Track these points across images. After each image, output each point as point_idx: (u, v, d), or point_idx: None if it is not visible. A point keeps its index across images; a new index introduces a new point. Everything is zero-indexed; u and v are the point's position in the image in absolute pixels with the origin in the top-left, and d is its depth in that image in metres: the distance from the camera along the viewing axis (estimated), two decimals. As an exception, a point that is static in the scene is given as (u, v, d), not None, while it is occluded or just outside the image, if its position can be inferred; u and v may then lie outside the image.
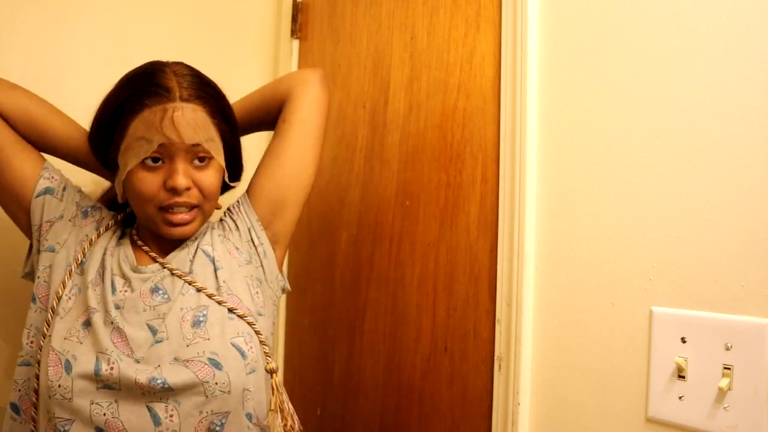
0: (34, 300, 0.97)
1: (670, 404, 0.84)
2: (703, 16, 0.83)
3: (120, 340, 0.91)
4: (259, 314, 1.00)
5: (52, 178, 1.03)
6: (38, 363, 0.92)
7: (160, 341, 0.91)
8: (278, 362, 1.53)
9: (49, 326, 0.93)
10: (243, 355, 0.93)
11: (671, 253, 0.85)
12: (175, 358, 0.90)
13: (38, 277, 0.99)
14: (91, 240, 1.00)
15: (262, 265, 1.05)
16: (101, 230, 1.02)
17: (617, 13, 0.92)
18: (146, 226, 1.01)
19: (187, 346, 0.91)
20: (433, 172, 1.18)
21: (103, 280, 0.97)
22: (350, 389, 1.33)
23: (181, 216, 0.95)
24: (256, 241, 1.06)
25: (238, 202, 1.09)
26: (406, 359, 1.21)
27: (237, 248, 1.04)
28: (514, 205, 1.02)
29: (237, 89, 1.58)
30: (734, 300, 0.79)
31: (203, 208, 0.98)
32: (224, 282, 0.99)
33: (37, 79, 1.29)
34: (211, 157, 0.96)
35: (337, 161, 1.41)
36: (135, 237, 1.03)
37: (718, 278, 0.81)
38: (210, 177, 0.96)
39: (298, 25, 1.56)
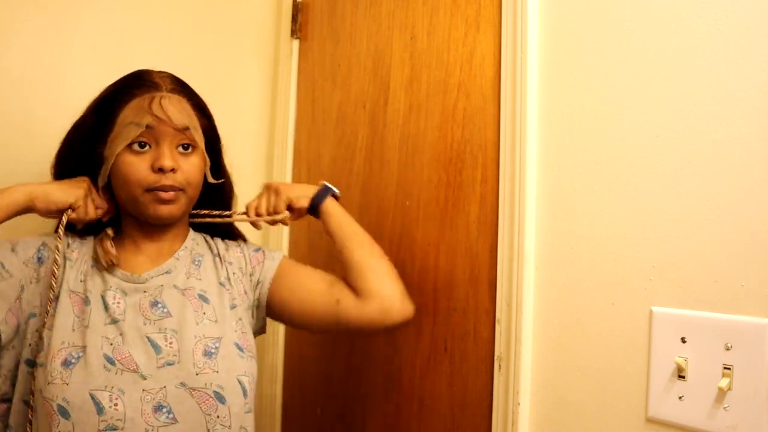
0: (30, 364, 0.93)
1: (670, 404, 0.84)
2: (703, 16, 0.83)
3: (122, 356, 0.91)
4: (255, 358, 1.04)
5: None
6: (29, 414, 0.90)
7: (172, 364, 0.92)
8: (278, 362, 1.53)
9: (34, 378, 0.91)
10: (245, 393, 0.96)
11: (671, 253, 0.85)
12: (181, 383, 0.92)
13: (29, 344, 0.95)
14: (51, 285, 0.96)
15: (253, 315, 1.09)
16: (55, 268, 0.97)
17: (617, 13, 0.92)
18: (133, 214, 1.01)
19: (197, 374, 0.93)
20: (433, 172, 1.18)
21: (85, 304, 0.95)
22: (350, 389, 1.33)
23: (167, 194, 0.97)
24: (257, 295, 1.09)
25: (263, 260, 1.10)
26: (406, 359, 1.21)
27: (246, 293, 1.07)
28: (514, 205, 1.02)
29: (237, 89, 1.59)
30: (734, 300, 0.79)
31: (187, 193, 1.00)
32: (240, 320, 1.02)
33: (37, 79, 1.29)
34: (194, 146, 1.00)
35: (337, 161, 1.41)
36: (124, 237, 1.03)
37: (718, 278, 0.81)
38: (193, 164, 1.00)
39: (298, 25, 1.56)
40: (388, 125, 1.29)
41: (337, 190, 1.14)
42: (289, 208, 1.12)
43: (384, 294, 1.04)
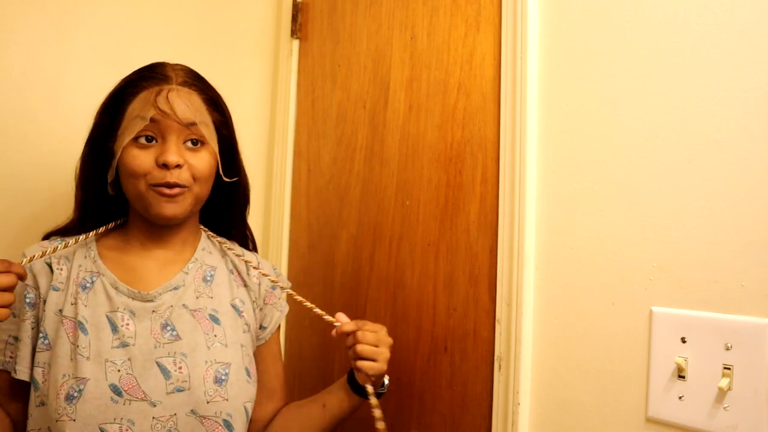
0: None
1: (670, 404, 0.84)
2: (702, 15, 0.83)
3: (131, 385, 0.89)
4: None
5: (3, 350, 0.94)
6: None
7: (182, 390, 0.91)
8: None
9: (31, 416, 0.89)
10: (247, 419, 0.97)
11: (671, 253, 0.85)
12: (192, 411, 0.91)
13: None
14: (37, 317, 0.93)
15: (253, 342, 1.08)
16: (43, 299, 0.94)
17: (617, 13, 0.92)
18: (139, 211, 0.98)
19: (207, 402, 0.92)
20: (433, 172, 1.18)
21: (80, 330, 0.92)
22: (350, 389, 1.33)
23: (172, 190, 0.93)
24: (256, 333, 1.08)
25: (275, 303, 1.10)
26: (406, 359, 1.21)
27: (254, 320, 1.07)
28: (514, 205, 1.02)
29: (237, 89, 1.59)
30: (734, 300, 0.79)
31: (193, 190, 0.96)
32: (244, 345, 1.01)
33: (37, 79, 1.29)
34: (204, 142, 0.97)
35: (337, 161, 1.41)
36: (131, 238, 1.01)
37: (718, 278, 0.81)
38: (202, 160, 0.96)
39: (298, 25, 1.56)
40: (388, 125, 1.29)
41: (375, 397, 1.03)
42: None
43: None
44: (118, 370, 0.89)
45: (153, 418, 0.88)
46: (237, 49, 1.60)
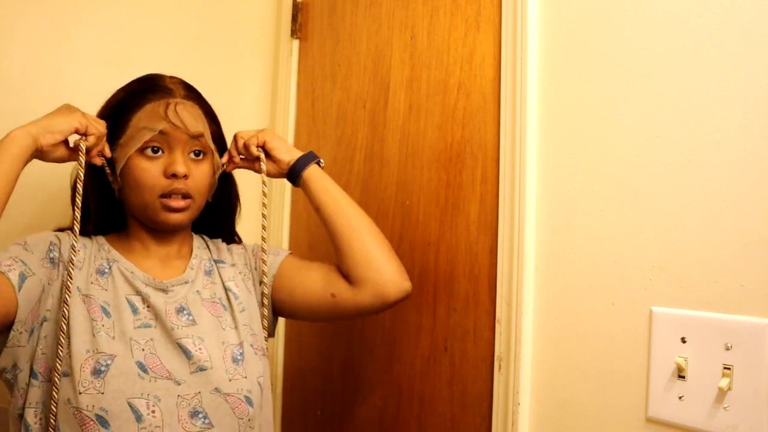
0: (35, 377, 0.90)
1: (670, 404, 0.84)
2: (702, 15, 0.83)
3: (155, 364, 0.91)
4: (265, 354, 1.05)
5: (11, 265, 0.88)
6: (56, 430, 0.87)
7: (204, 369, 0.93)
8: (278, 362, 1.53)
9: (57, 390, 0.87)
10: (262, 393, 0.99)
11: (671, 253, 0.85)
12: (216, 389, 0.93)
13: (36, 352, 0.90)
14: (68, 286, 0.91)
15: (261, 314, 1.08)
16: (71, 267, 0.92)
17: (617, 13, 0.92)
18: (141, 219, 1.00)
19: (229, 380, 0.95)
20: (433, 172, 1.18)
21: (102, 310, 0.93)
22: (350, 389, 1.33)
23: (177, 202, 0.97)
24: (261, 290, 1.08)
25: (267, 255, 1.09)
26: (406, 359, 1.21)
27: (250, 291, 1.08)
28: (514, 205, 1.02)
29: (237, 89, 1.59)
30: (734, 300, 0.79)
31: (196, 201, 1.00)
32: (245, 325, 1.03)
33: (37, 79, 1.29)
34: (206, 153, 1.01)
35: (337, 161, 1.41)
36: (131, 239, 1.02)
37: (718, 278, 0.81)
38: (204, 171, 1.00)
39: (298, 25, 1.56)
40: (388, 125, 1.29)
41: (322, 161, 1.10)
42: (266, 155, 1.08)
43: (376, 279, 1.02)
44: (143, 349, 0.92)
45: (178, 396, 0.90)
46: (237, 49, 1.59)
